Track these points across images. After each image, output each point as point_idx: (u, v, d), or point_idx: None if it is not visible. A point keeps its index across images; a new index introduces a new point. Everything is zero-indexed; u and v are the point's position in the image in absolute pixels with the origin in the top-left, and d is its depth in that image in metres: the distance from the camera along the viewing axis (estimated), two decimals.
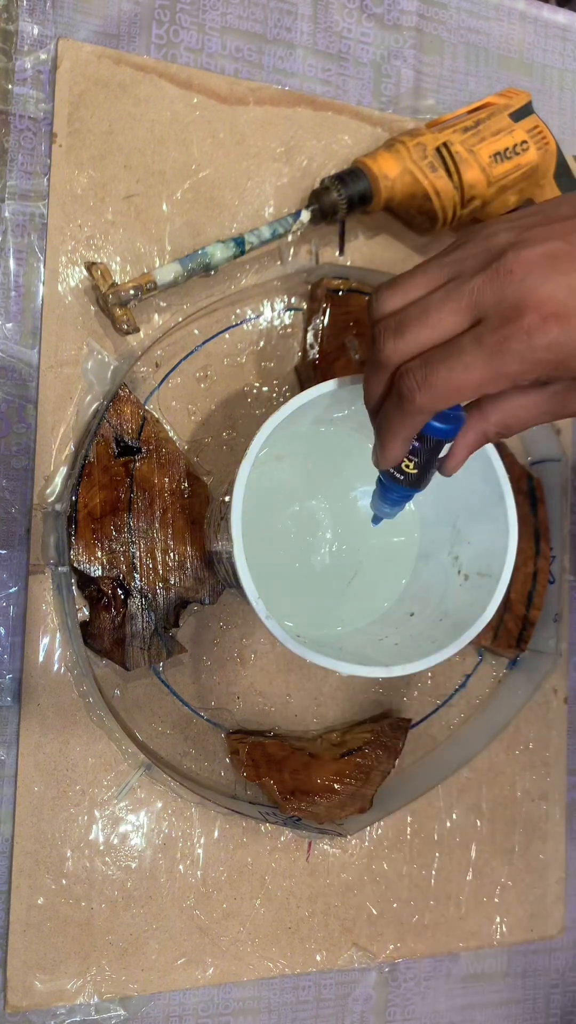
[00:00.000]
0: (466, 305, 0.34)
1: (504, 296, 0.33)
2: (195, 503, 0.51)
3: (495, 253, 0.34)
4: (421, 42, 0.61)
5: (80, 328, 0.51)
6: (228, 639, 0.54)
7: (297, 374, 0.56)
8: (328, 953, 0.55)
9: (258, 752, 0.51)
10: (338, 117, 0.57)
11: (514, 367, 0.34)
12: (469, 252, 0.35)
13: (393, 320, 0.36)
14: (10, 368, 0.50)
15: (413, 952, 0.57)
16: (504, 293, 0.33)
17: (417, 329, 0.35)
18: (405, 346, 0.35)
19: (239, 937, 0.52)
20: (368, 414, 0.40)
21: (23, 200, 0.50)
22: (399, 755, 0.55)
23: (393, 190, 0.54)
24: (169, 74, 0.53)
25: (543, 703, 0.61)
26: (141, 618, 0.49)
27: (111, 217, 0.52)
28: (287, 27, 0.57)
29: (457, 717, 0.59)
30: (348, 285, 0.55)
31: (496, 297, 0.33)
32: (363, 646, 0.51)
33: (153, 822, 0.51)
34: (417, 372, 0.35)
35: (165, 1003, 0.51)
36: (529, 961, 0.61)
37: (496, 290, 0.33)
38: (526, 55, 0.64)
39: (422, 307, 0.35)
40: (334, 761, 0.52)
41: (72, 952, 0.49)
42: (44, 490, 0.50)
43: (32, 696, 0.49)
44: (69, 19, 0.52)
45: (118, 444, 0.50)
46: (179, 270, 0.51)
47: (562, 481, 0.61)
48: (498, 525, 0.47)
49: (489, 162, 0.54)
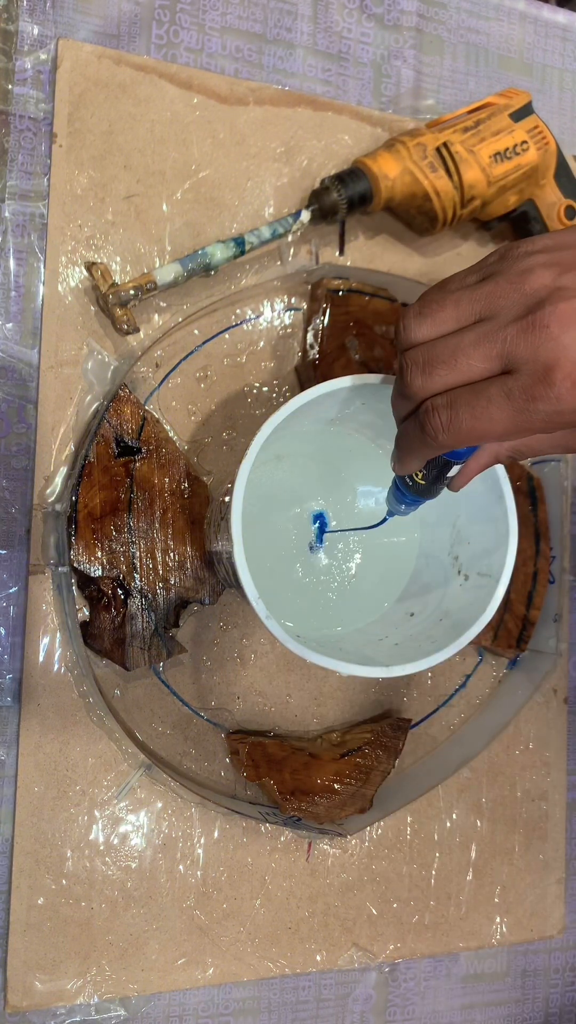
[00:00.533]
0: (497, 354, 0.33)
1: (538, 354, 0.32)
2: (195, 503, 0.51)
3: (532, 301, 0.33)
4: (421, 42, 0.61)
5: (80, 328, 0.51)
6: (228, 639, 0.54)
7: (297, 374, 0.56)
8: (328, 953, 0.55)
9: (258, 752, 0.51)
10: (338, 117, 0.57)
11: (539, 424, 0.33)
12: (503, 290, 0.34)
13: (421, 355, 0.35)
14: (10, 368, 0.50)
15: (413, 952, 0.57)
16: (538, 351, 0.32)
17: (446, 372, 0.34)
18: (432, 385, 0.35)
19: (239, 937, 0.52)
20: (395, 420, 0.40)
21: (23, 200, 0.50)
22: (399, 755, 0.55)
23: (393, 190, 0.54)
24: (169, 74, 0.53)
25: (543, 703, 0.61)
26: (141, 618, 0.49)
27: (111, 217, 0.52)
28: (287, 27, 0.57)
29: (457, 717, 0.59)
30: (348, 285, 0.55)
31: (530, 353, 0.32)
32: (363, 646, 0.51)
33: (153, 822, 0.51)
34: (442, 413, 0.35)
35: (165, 1003, 0.51)
36: (529, 961, 0.61)
37: (530, 346, 0.32)
38: (526, 55, 0.64)
39: (452, 349, 0.34)
40: (334, 761, 0.52)
41: (72, 952, 0.49)
42: (44, 490, 0.50)
43: (32, 696, 0.49)
44: (69, 19, 0.52)
45: (118, 444, 0.50)
46: (179, 270, 0.51)
47: (562, 481, 0.61)
48: (498, 525, 0.47)
49: (489, 162, 0.54)
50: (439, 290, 0.36)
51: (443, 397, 0.35)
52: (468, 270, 0.37)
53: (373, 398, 0.46)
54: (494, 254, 0.36)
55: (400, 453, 0.39)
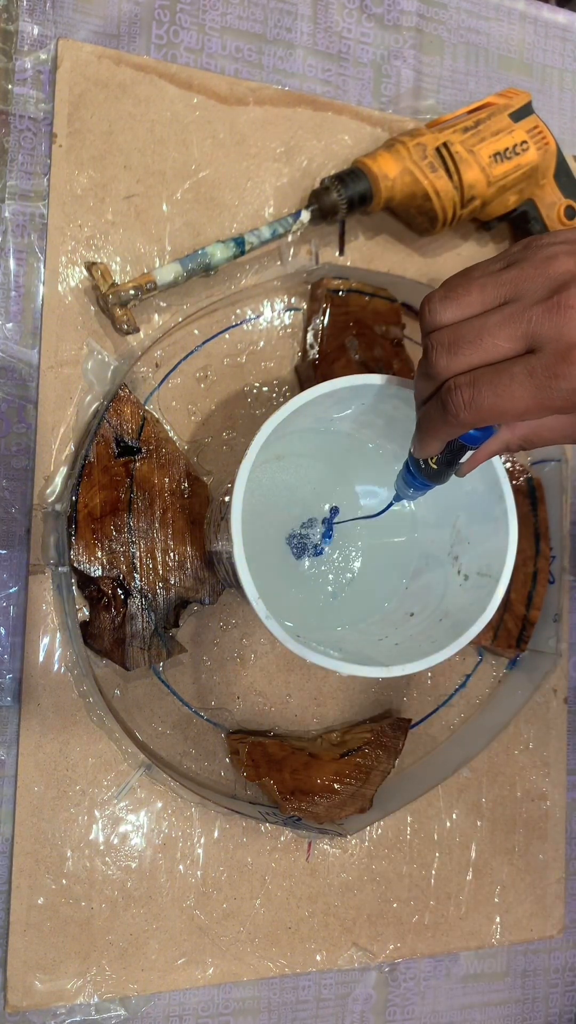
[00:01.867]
0: (522, 333, 0.34)
1: (562, 333, 0.33)
2: (195, 503, 0.51)
3: (557, 283, 0.34)
4: (421, 42, 0.61)
5: (80, 328, 0.51)
6: (228, 639, 0.54)
7: (297, 374, 0.56)
8: (328, 953, 0.55)
9: (258, 752, 0.51)
10: (338, 117, 0.57)
11: (559, 402, 0.34)
12: (528, 274, 0.35)
13: (447, 335, 0.36)
14: (10, 368, 0.50)
15: (413, 952, 0.57)
16: (562, 331, 0.33)
17: (471, 351, 0.35)
18: (457, 364, 0.36)
19: (239, 937, 0.52)
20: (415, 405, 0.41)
21: (23, 200, 0.50)
22: (399, 755, 0.55)
23: (393, 190, 0.54)
24: (169, 74, 0.53)
25: (543, 703, 0.61)
26: (141, 618, 0.49)
27: (111, 217, 0.52)
28: (287, 27, 0.57)
29: (457, 717, 0.59)
30: (348, 285, 0.55)
31: (554, 332, 0.33)
32: (363, 646, 0.51)
33: (153, 822, 0.51)
34: (465, 391, 0.35)
35: (165, 1003, 0.51)
36: (529, 961, 0.61)
37: (555, 325, 0.33)
38: (526, 55, 0.64)
39: (478, 328, 0.35)
40: (334, 761, 0.52)
41: (72, 952, 0.49)
42: (44, 490, 0.50)
43: (32, 696, 0.49)
44: (69, 19, 0.52)
45: (118, 444, 0.50)
46: (179, 270, 0.51)
47: (562, 481, 0.61)
48: (498, 525, 0.47)
49: (489, 162, 0.54)
50: (463, 276, 0.37)
51: (466, 376, 0.36)
52: (492, 259, 0.38)
53: (373, 398, 0.46)
54: (517, 245, 0.37)
55: (421, 435, 0.40)
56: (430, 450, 0.40)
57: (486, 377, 0.35)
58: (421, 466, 0.42)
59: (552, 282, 0.34)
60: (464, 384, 0.35)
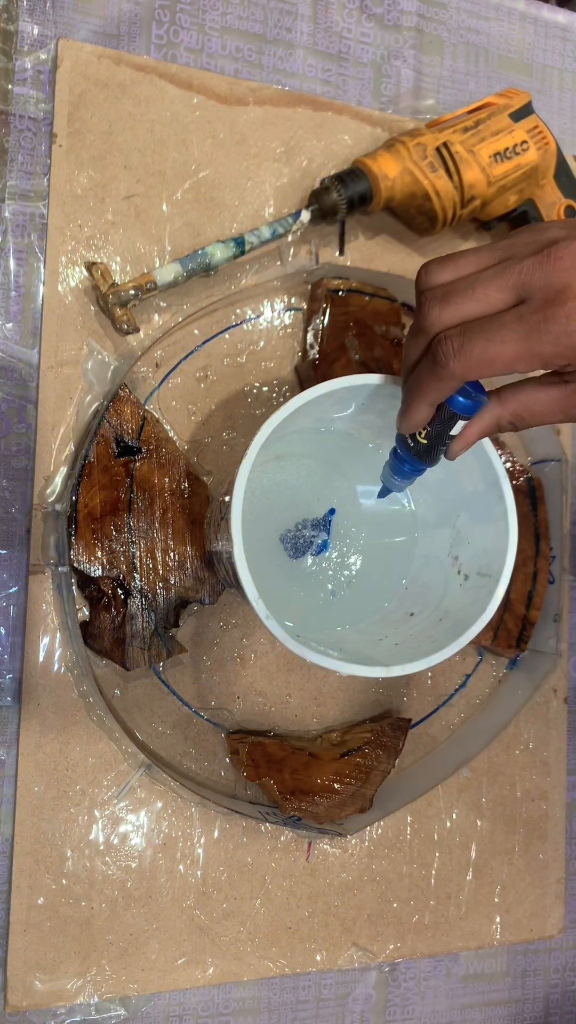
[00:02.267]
0: (513, 284, 0.35)
1: (551, 281, 0.34)
2: (195, 503, 0.51)
3: (547, 242, 0.36)
4: (421, 42, 0.61)
5: (80, 328, 0.51)
6: (228, 639, 0.54)
7: (297, 374, 0.56)
8: (328, 953, 0.55)
9: (258, 752, 0.51)
10: (338, 117, 0.57)
11: (548, 348, 0.35)
12: (521, 239, 0.37)
13: (440, 290, 0.37)
14: (10, 368, 0.50)
15: (413, 952, 0.57)
16: (551, 278, 0.34)
17: (462, 300, 0.36)
18: (448, 315, 0.37)
19: (239, 937, 0.52)
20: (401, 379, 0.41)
21: (23, 200, 0.50)
22: (399, 755, 0.55)
23: (393, 190, 0.54)
24: (169, 74, 0.53)
25: (543, 703, 0.61)
26: (141, 618, 0.49)
27: (111, 217, 0.52)
28: (287, 27, 0.57)
29: (457, 717, 0.59)
30: (348, 285, 0.55)
31: (544, 280, 0.35)
32: (363, 646, 0.51)
33: (153, 822, 0.51)
34: (455, 339, 0.36)
35: (165, 1003, 0.51)
36: (529, 961, 0.61)
37: (544, 274, 0.35)
38: (526, 55, 0.64)
39: (470, 281, 0.36)
40: (334, 761, 0.52)
41: (72, 952, 0.49)
42: (44, 490, 0.50)
43: (32, 696, 0.49)
44: (69, 19, 0.52)
45: (118, 444, 0.50)
46: (179, 270, 0.51)
47: (562, 481, 0.61)
48: (498, 525, 0.47)
49: (489, 162, 0.54)
50: (460, 251, 0.39)
51: (456, 328, 0.36)
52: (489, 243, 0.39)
53: (373, 398, 0.46)
54: (512, 232, 0.39)
55: (408, 399, 0.40)
56: (418, 416, 0.40)
57: (476, 326, 0.36)
58: (409, 444, 0.41)
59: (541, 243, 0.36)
60: (454, 334, 0.36)
